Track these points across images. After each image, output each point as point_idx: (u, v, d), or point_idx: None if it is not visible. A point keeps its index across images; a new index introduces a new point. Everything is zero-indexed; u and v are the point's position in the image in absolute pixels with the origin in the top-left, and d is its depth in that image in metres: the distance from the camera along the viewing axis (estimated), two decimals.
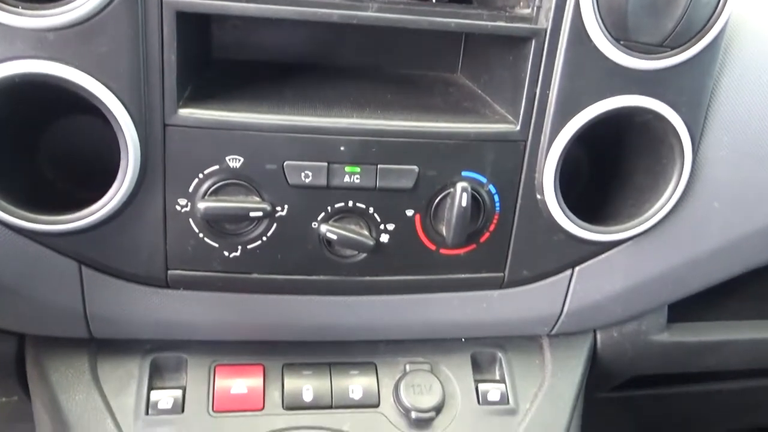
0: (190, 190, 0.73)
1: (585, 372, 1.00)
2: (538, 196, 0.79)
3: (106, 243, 0.74)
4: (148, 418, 0.84)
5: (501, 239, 0.82)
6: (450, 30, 0.71)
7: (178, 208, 0.74)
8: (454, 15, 0.71)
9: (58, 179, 0.80)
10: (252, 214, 0.74)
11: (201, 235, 0.75)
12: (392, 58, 0.96)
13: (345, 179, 0.74)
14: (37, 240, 0.74)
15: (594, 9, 0.69)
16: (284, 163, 0.73)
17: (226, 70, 0.87)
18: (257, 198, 0.74)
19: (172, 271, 0.78)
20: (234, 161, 0.72)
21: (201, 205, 0.72)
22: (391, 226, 0.78)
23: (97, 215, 0.71)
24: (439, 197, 0.77)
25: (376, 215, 0.77)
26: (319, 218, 0.76)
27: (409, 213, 0.78)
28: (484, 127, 0.76)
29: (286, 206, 0.75)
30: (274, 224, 0.76)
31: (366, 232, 0.78)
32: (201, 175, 0.72)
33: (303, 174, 0.73)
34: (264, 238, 0.76)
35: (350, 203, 0.76)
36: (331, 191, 0.75)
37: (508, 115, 0.78)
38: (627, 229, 0.82)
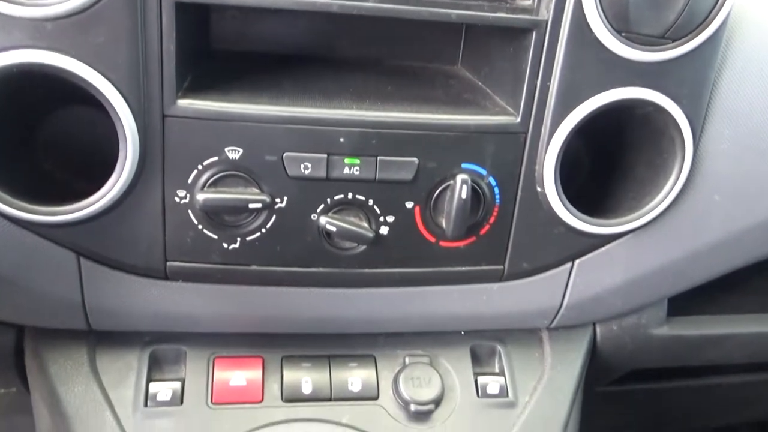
0: (189, 181, 0.73)
1: (584, 365, 1.00)
2: (539, 189, 0.79)
3: (105, 234, 0.74)
4: (147, 410, 0.84)
5: (501, 232, 0.82)
6: (451, 21, 0.71)
7: (177, 199, 0.73)
8: (454, 6, 0.71)
9: (56, 170, 0.79)
10: (251, 206, 0.73)
11: (200, 226, 0.75)
12: (392, 50, 0.95)
13: (344, 171, 0.74)
14: (36, 231, 0.73)
15: (595, 0, 0.69)
16: (283, 155, 0.72)
17: (226, 61, 0.87)
18: (256, 189, 0.74)
19: (171, 263, 0.77)
20: (233, 152, 0.72)
21: (200, 197, 0.72)
22: (390, 219, 0.78)
23: (96, 206, 0.71)
24: (439, 189, 0.77)
25: (375, 207, 0.77)
26: (319, 210, 0.76)
27: (409, 205, 0.77)
28: (484, 119, 0.76)
29: (285, 198, 0.75)
30: (274, 216, 0.75)
31: (365, 224, 0.77)
32: (200, 167, 0.72)
33: (302, 165, 0.73)
34: (263, 230, 0.76)
35: (350, 195, 0.75)
36: (331, 183, 0.74)
37: (509, 107, 0.78)
38: (627, 222, 0.82)
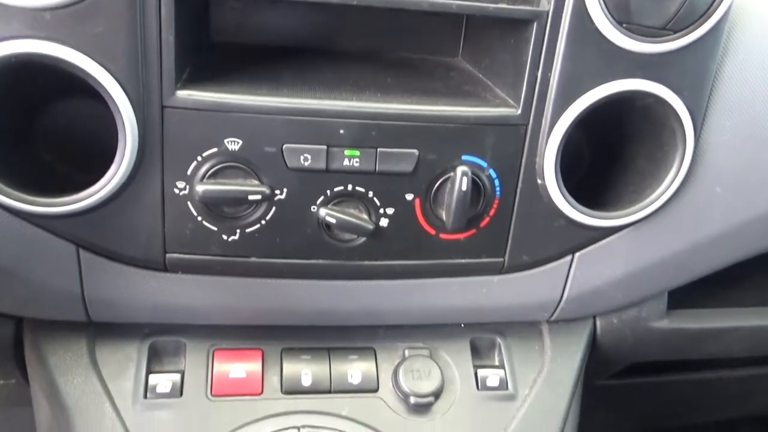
0: (189, 172, 0.72)
1: (584, 358, 1.00)
2: (539, 181, 0.79)
3: (104, 226, 0.74)
4: (147, 402, 0.84)
5: (501, 224, 0.81)
6: (451, 11, 0.71)
7: (177, 191, 0.73)
8: None
9: (56, 162, 0.79)
10: (251, 198, 0.73)
11: (199, 218, 0.75)
12: (392, 42, 0.95)
13: (344, 162, 0.73)
14: (35, 222, 0.73)
15: None
16: (283, 146, 0.72)
17: (225, 53, 0.86)
18: (256, 181, 0.73)
19: (170, 255, 0.77)
20: (232, 144, 0.71)
21: (199, 188, 0.72)
22: (390, 210, 0.77)
23: (95, 198, 0.70)
24: (439, 181, 0.77)
25: (375, 199, 0.76)
26: (318, 202, 0.76)
27: (409, 197, 0.77)
28: (484, 110, 0.76)
29: (285, 189, 0.74)
30: (273, 208, 0.75)
31: (365, 216, 0.77)
32: (199, 158, 0.72)
33: (302, 157, 0.73)
34: (263, 222, 0.76)
35: (349, 187, 0.75)
36: (331, 174, 0.74)
37: (509, 99, 0.78)
38: (628, 215, 0.82)
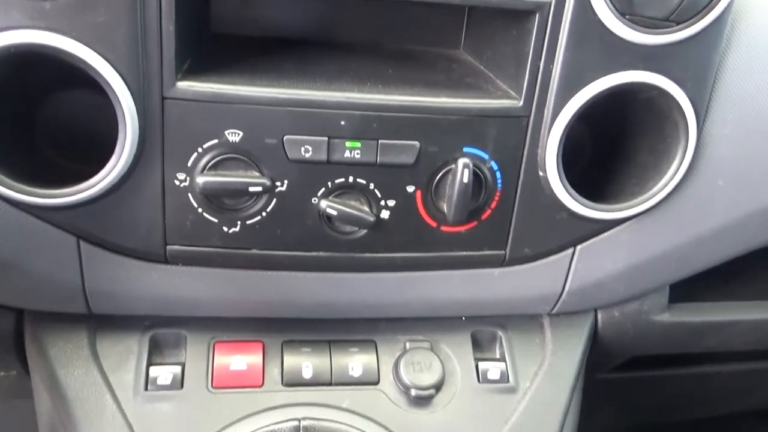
0: (189, 164, 0.72)
1: (585, 351, 1.00)
2: (541, 173, 0.78)
3: (105, 217, 0.74)
4: (147, 394, 0.84)
5: (502, 217, 0.81)
6: (453, 3, 0.70)
7: (177, 182, 0.73)
8: None
9: (56, 154, 0.79)
10: (251, 189, 0.73)
11: (200, 210, 0.75)
12: (394, 34, 0.94)
13: (345, 154, 0.73)
14: (35, 214, 0.73)
15: None
16: (284, 138, 0.72)
17: (226, 45, 0.86)
18: (257, 173, 0.73)
19: (170, 247, 0.77)
20: (233, 135, 0.71)
21: (200, 180, 0.72)
22: (391, 203, 0.77)
23: (95, 189, 0.70)
24: (441, 173, 0.76)
25: (376, 191, 0.76)
26: (319, 194, 0.75)
27: (410, 189, 0.77)
28: (486, 102, 0.75)
29: (285, 181, 0.74)
30: (274, 199, 0.75)
31: (366, 208, 0.77)
32: (200, 149, 0.72)
33: (303, 149, 0.72)
34: (263, 214, 0.76)
35: (350, 179, 0.75)
36: (332, 166, 0.74)
37: (511, 91, 0.77)
38: (630, 208, 0.82)
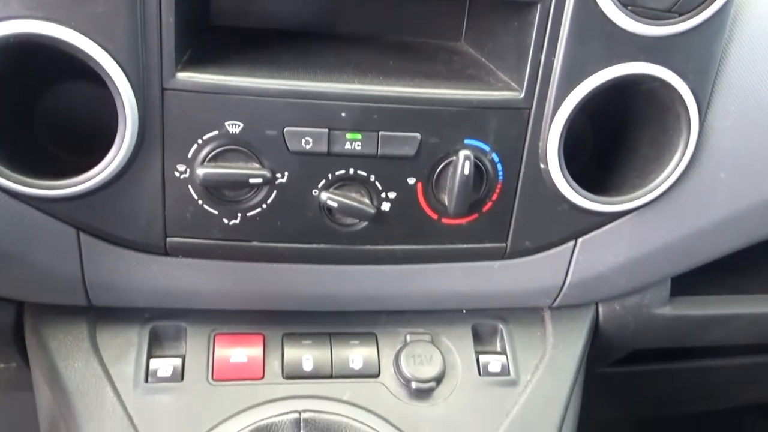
0: (189, 155, 0.72)
1: (586, 345, 1.00)
2: (542, 165, 0.78)
3: (105, 209, 0.74)
4: (148, 386, 0.84)
5: (503, 209, 0.81)
6: None
7: (177, 174, 0.73)
8: None
9: (57, 146, 0.79)
10: (252, 181, 0.73)
11: (200, 201, 0.74)
12: (394, 26, 0.94)
13: (346, 146, 0.73)
14: (35, 206, 0.73)
15: None
16: (284, 129, 0.72)
17: (225, 37, 0.86)
18: (257, 164, 0.73)
19: (171, 239, 0.77)
20: (233, 127, 0.71)
21: (200, 171, 0.72)
22: (392, 195, 0.77)
23: (95, 180, 0.70)
24: (442, 165, 0.76)
25: (377, 183, 0.76)
26: (320, 185, 0.75)
27: (411, 181, 0.77)
28: (487, 94, 0.75)
29: (286, 173, 0.74)
30: (274, 191, 0.75)
31: (367, 200, 0.77)
32: (200, 141, 0.71)
33: (303, 140, 0.72)
34: (264, 206, 0.75)
35: (351, 170, 0.75)
36: (332, 158, 0.74)
37: (512, 83, 0.77)
38: (631, 200, 0.81)
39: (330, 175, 0.75)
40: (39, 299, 0.85)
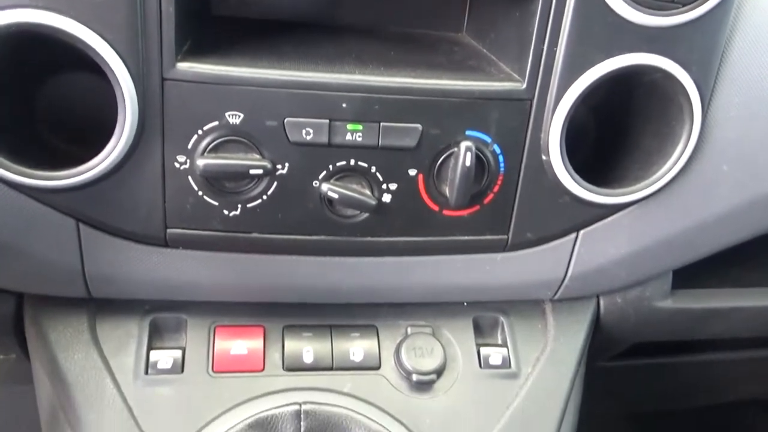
0: (189, 146, 0.72)
1: (587, 337, 1.00)
2: (544, 157, 0.78)
3: (104, 200, 0.73)
4: (148, 378, 0.84)
5: (505, 201, 0.81)
6: None
7: (177, 165, 0.72)
8: None
9: (57, 137, 0.78)
10: (252, 172, 0.72)
11: (200, 193, 0.74)
12: (396, 17, 0.94)
13: (347, 137, 0.73)
14: (35, 197, 0.72)
15: None
16: (285, 120, 0.71)
17: (226, 27, 0.85)
18: (257, 155, 0.73)
19: (171, 230, 0.77)
20: (234, 117, 0.71)
21: (200, 162, 0.71)
22: (393, 186, 0.77)
23: (95, 171, 0.70)
24: (443, 157, 0.76)
25: (378, 174, 0.76)
26: (321, 177, 0.75)
27: (412, 173, 0.76)
28: (489, 85, 0.74)
29: (286, 164, 0.74)
30: (275, 182, 0.74)
31: (368, 191, 0.76)
32: (200, 132, 0.71)
33: (304, 131, 0.72)
34: (264, 197, 0.75)
35: (352, 162, 0.74)
36: (333, 149, 0.73)
37: (514, 74, 0.77)
38: (633, 192, 0.81)
39: (331, 167, 0.74)
40: (39, 291, 0.84)
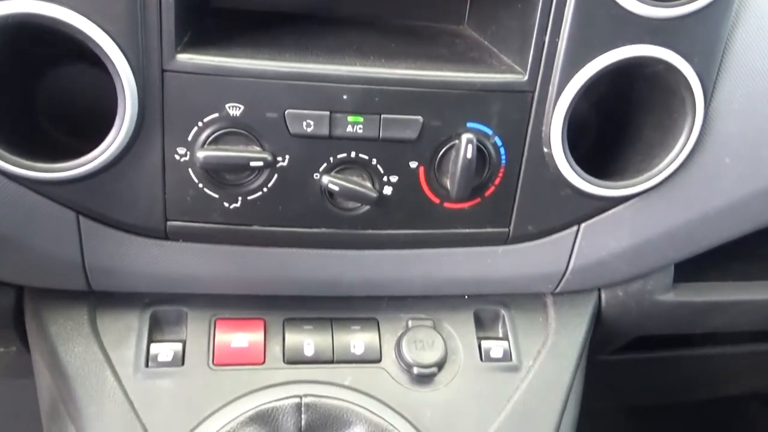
0: (189, 138, 0.71)
1: (589, 331, 0.99)
2: (545, 150, 0.77)
3: (104, 192, 0.73)
4: (148, 371, 0.84)
5: (506, 193, 0.80)
6: None
7: (177, 157, 0.72)
8: None
9: (56, 129, 0.78)
10: (252, 164, 0.72)
11: (200, 185, 0.74)
12: (397, 9, 0.93)
13: (347, 129, 0.72)
14: (34, 189, 0.72)
15: None
16: (285, 112, 0.71)
17: (226, 19, 0.85)
18: (258, 147, 0.72)
19: (171, 222, 0.76)
20: (234, 109, 0.70)
21: (200, 154, 0.71)
22: (394, 179, 0.76)
23: (95, 163, 0.69)
24: (444, 149, 0.75)
25: (379, 167, 0.75)
26: (321, 169, 0.74)
27: (413, 165, 0.76)
28: (490, 77, 0.74)
29: (287, 156, 0.73)
30: (275, 175, 0.74)
31: (369, 184, 0.76)
32: (200, 123, 0.71)
33: (304, 123, 0.71)
34: (265, 189, 0.75)
35: (353, 154, 0.74)
36: (334, 141, 0.73)
37: (516, 66, 0.76)
38: (635, 185, 0.81)
39: (331, 159, 0.74)
40: (39, 283, 0.84)
